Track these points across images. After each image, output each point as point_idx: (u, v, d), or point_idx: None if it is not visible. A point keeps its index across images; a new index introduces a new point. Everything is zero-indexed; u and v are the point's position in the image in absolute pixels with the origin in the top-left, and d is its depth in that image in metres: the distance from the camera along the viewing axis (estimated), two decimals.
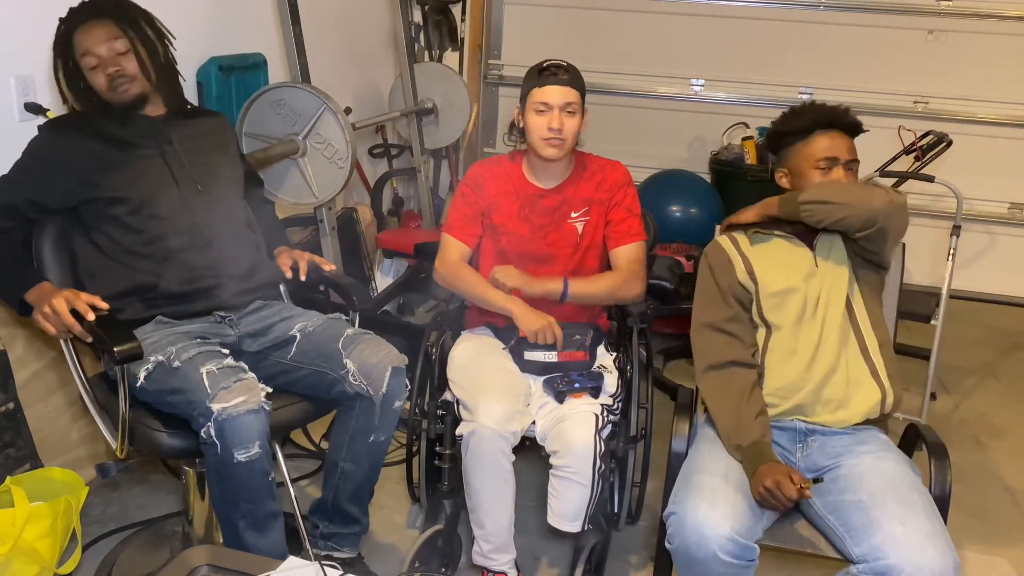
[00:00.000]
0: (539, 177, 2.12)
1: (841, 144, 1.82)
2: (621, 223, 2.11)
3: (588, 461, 1.83)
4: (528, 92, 2.03)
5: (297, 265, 2.06)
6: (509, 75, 4.57)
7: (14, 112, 2.10)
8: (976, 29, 4.03)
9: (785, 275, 1.83)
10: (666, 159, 4.35)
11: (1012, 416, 3.12)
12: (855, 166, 1.84)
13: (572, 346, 2.05)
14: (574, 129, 2.01)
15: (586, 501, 1.86)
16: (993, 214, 4.23)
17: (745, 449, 1.68)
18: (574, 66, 2.04)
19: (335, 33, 3.66)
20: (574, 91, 2.00)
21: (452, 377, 2.03)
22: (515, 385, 1.99)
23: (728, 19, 4.30)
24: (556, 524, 1.90)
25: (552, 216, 2.11)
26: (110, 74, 1.83)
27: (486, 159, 2.22)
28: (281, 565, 1.40)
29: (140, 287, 1.83)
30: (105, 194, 1.81)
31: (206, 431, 1.60)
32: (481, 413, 1.85)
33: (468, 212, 2.13)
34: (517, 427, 1.87)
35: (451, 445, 2.02)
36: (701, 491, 1.58)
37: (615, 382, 2.03)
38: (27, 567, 1.77)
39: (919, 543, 1.48)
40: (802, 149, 1.84)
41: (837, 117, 1.84)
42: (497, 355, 2.07)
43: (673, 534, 1.57)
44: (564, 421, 1.88)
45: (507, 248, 2.13)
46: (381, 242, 3.47)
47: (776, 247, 1.89)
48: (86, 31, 1.83)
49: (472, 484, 1.90)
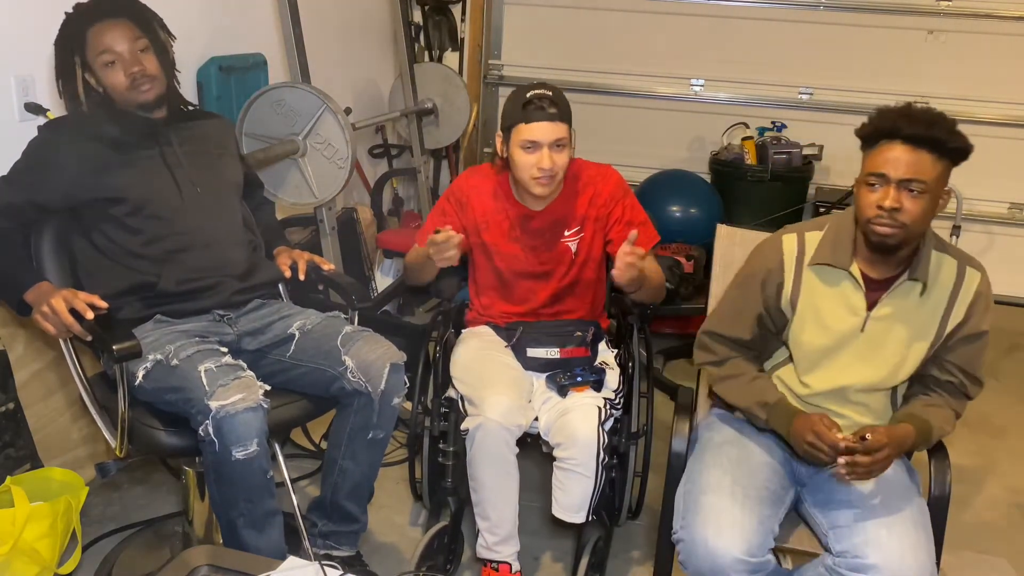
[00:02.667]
0: (527, 200, 2.06)
1: (904, 159, 1.49)
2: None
3: (592, 453, 1.84)
4: (512, 126, 1.91)
5: (296, 265, 2.06)
6: (509, 75, 4.57)
7: (14, 112, 2.09)
8: (976, 29, 4.03)
9: (827, 332, 1.67)
10: (666, 159, 4.34)
11: (1012, 416, 3.11)
12: (919, 187, 1.49)
13: (574, 342, 2.05)
14: (564, 163, 1.93)
15: (590, 492, 1.87)
16: (993, 214, 4.22)
17: (772, 407, 1.66)
18: (561, 92, 1.93)
19: (335, 33, 3.66)
20: (563, 125, 1.89)
21: (455, 375, 2.03)
22: (518, 380, 1.99)
23: (728, 19, 4.29)
24: (561, 515, 1.91)
25: (544, 237, 2.07)
26: (133, 73, 1.82)
27: (473, 169, 2.16)
28: (281, 565, 1.40)
29: (139, 287, 1.84)
30: (105, 194, 1.81)
31: (204, 429, 1.60)
32: (487, 407, 1.85)
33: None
34: (522, 420, 1.88)
35: (454, 442, 2.02)
36: (707, 515, 1.56)
37: (617, 378, 2.04)
38: (27, 567, 1.77)
39: (900, 550, 1.49)
40: (864, 159, 1.57)
41: (908, 125, 1.49)
42: (500, 352, 2.07)
43: (685, 561, 1.59)
44: (567, 414, 1.89)
45: (502, 267, 2.10)
46: (381, 242, 3.47)
47: (838, 287, 1.66)
48: (104, 28, 1.81)
49: (478, 477, 1.90)
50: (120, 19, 1.82)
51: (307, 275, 2.06)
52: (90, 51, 1.81)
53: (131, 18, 1.84)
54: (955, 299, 1.63)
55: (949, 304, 1.63)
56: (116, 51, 1.81)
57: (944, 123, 1.50)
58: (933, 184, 1.50)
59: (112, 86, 1.83)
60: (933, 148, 1.48)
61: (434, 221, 2.11)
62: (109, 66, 1.82)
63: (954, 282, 1.63)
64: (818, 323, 1.67)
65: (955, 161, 1.52)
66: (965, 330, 1.63)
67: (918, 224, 1.53)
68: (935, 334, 1.64)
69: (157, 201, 1.86)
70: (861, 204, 1.56)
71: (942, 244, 1.66)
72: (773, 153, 3.95)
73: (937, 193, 1.52)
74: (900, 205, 1.50)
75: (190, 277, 1.87)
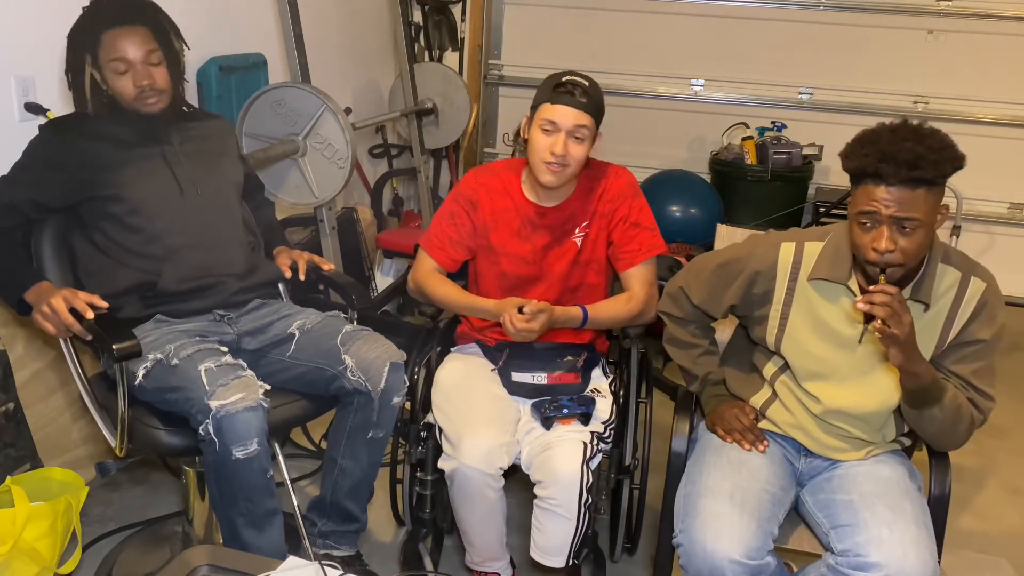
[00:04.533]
0: (539, 195, 1.95)
1: (893, 198, 1.41)
2: (629, 242, 1.95)
3: (573, 493, 1.72)
4: (539, 105, 1.84)
5: (296, 264, 2.06)
6: (509, 75, 4.57)
7: (14, 112, 2.10)
8: (976, 29, 4.03)
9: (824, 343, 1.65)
10: (666, 159, 4.34)
11: (1012, 416, 3.11)
12: (912, 225, 1.42)
13: (563, 367, 1.93)
14: (580, 156, 1.83)
15: (571, 535, 1.76)
16: (993, 214, 4.23)
17: (704, 380, 1.84)
18: (596, 84, 1.85)
19: (335, 33, 3.66)
20: (588, 116, 1.80)
21: (436, 401, 1.90)
22: (502, 413, 1.86)
23: (728, 19, 4.30)
24: (538, 558, 1.81)
25: (554, 235, 1.97)
26: (142, 86, 1.82)
27: (482, 167, 2.06)
28: (281, 565, 1.40)
29: (139, 286, 1.83)
30: (105, 193, 1.81)
31: (204, 428, 1.60)
32: (464, 450, 1.74)
33: (453, 235, 1.99)
34: (503, 462, 1.76)
35: (433, 471, 1.92)
36: (707, 519, 1.56)
37: (608, 408, 1.90)
38: (27, 567, 1.77)
39: (902, 548, 1.49)
40: (852, 191, 1.50)
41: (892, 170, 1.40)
42: (485, 379, 1.95)
43: (686, 564, 1.58)
44: (550, 449, 1.76)
45: (507, 270, 1.99)
46: (381, 242, 3.47)
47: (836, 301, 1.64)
48: (121, 34, 1.80)
49: (460, 514, 1.85)
50: (137, 26, 1.82)
51: (307, 275, 2.06)
52: (103, 53, 1.80)
53: (149, 26, 1.84)
54: (956, 310, 1.59)
55: (950, 316, 1.59)
56: (129, 60, 1.80)
57: (929, 157, 1.39)
58: (927, 216, 1.44)
59: (119, 93, 1.83)
60: (923, 184, 1.41)
61: (442, 225, 2.00)
62: (120, 73, 1.81)
63: (955, 294, 1.59)
64: (817, 333, 1.66)
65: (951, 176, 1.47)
66: (963, 337, 1.60)
67: (916, 256, 1.49)
68: (934, 348, 1.61)
69: (158, 200, 1.86)
70: (856, 243, 1.50)
71: (947, 255, 1.61)
72: (773, 153, 3.95)
73: (933, 220, 1.47)
74: (895, 246, 1.44)
75: (190, 277, 1.87)
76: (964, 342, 1.60)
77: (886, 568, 1.47)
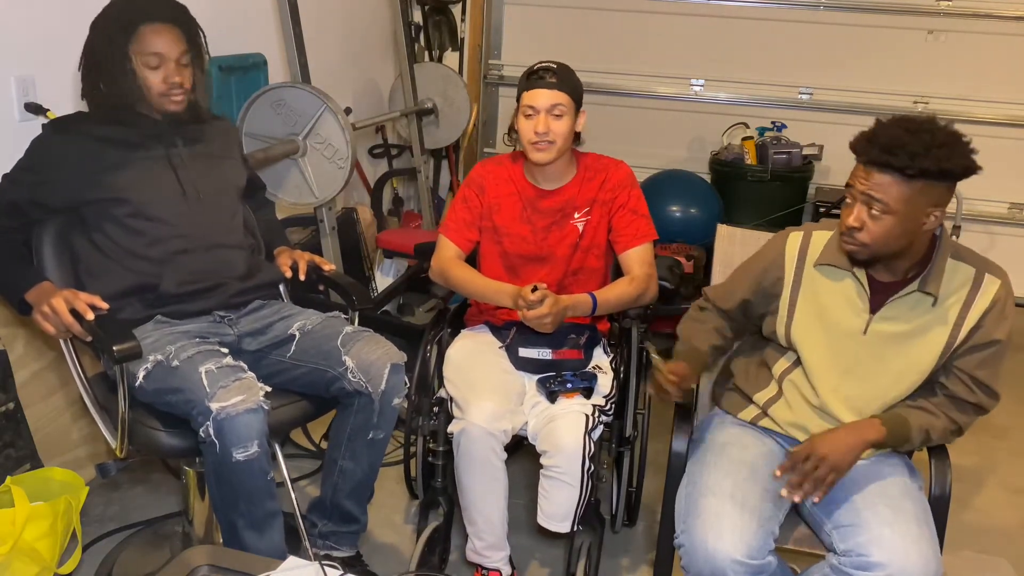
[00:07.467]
0: (539, 179, 2.12)
1: (868, 177, 1.47)
2: (628, 226, 2.10)
3: (577, 462, 1.83)
4: (519, 96, 2.03)
5: (296, 265, 2.06)
6: (509, 75, 4.57)
7: (14, 112, 2.10)
8: (976, 29, 4.03)
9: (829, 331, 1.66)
10: (666, 159, 4.34)
11: (1012, 416, 3.11)
12: (879, 208, 1.46)
13: (567, 344, 2.05)
14: (563, 131, 1.99)
15: (575, 502, 1.86)
16: (993, 214, 4.23)
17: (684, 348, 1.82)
18: (567, 67, 2.02)
19: (335, 33, 3.66)
20: (561, 93, 1.97)
21: (447, 375, 2.04)
22: (508, 384, 1.98)
23: (728, 19, 4.30)
24: (545, 524, 1.90)
25: (554, 217, 2.11)
26: (171, 83, 1.82)
27: (489, 159, 2.22)
28: (281, 565, 1.40)
29: (140, 288, 1.83)
30: (107, 195, 1.81)
31: (205, 430, 1.60)
32: (471, 411, 1.85)
33: (467, 217, 2.14)
34: (508, 425, 1.87)
35: (444, 442, 2.03)
36: (708, 519, 1.56)
37: (609, 383, 2.02)
38: (27, 567, 1.77)
39: (904, 547, 1.49)
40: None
41: (867, 148, 1.47)
42: (492, 354, 2.07)
43: (687, 565, 1.59)
44: (554, 421, 1.88)
45: (509, 249, 2.13)
46: (381, 242, 3.47)
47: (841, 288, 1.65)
48: (160, 29, 1.80)
49: (463, 482, 1.90)
50: (173, 26, 1.82)
51: (307, 275, 2.06)
52: (137, 44, 1.79)
53: (183, 28, 1.84)
54: (969, 307, 1.59)
55: (962, 313, 1.59)
56: (164, 55, 1.81)
57: (910, 147, 1.41)
58: (897, 205, 1.45)
59: (147, 85, 1.82)
60: (893, 170, 1.43)
61: (456, 210, 2.16)
62: (152, 68, 1.81)
63: (969, 290, 1.59)
64: (821, 321, 1.68)
65: (945, 179, 1.45)
66: (976, 338, 1.59)
67: (882, 244, 1.50)
68: (944, 344, 1.60)
69: (161, 203, 1.86)
70: (840, 218, 1.57)
71: (959, 252, 1.61)
72: (773, 153, 3.95)
73: (908, 213, 1.46)
74: (862, 224, 1.48)
75: (191, 279, 1.87)
76: (978, 343, 1.60)
77: (889, 567, 1.48)
